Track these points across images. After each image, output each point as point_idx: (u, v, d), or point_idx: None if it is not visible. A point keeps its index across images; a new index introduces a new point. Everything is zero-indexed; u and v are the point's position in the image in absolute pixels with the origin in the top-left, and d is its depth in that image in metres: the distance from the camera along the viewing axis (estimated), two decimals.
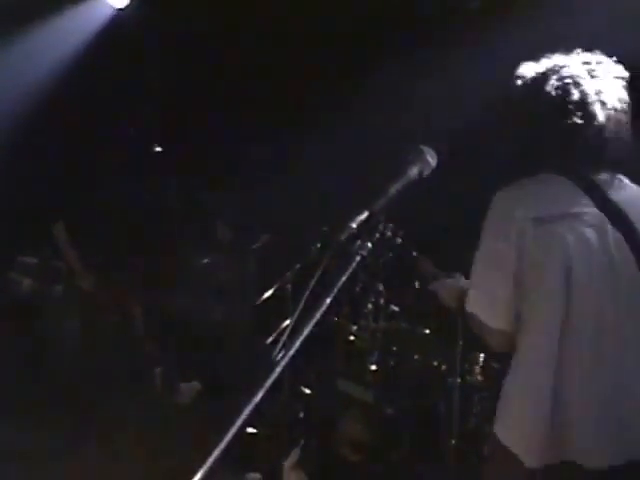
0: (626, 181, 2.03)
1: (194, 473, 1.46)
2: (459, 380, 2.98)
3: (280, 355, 1.57)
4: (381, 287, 4.09)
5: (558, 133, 1.99)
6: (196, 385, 5.38)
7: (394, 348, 3.98)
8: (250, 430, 4.14)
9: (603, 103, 1.98)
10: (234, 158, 6.01)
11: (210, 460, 1.44)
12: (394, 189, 1.89)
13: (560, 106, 1.98)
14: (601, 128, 1.97)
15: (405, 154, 1.98)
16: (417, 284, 3.53)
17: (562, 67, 2.02)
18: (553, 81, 2.01)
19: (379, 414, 3.80)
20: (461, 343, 3.09)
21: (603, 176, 1.99)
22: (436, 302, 2.34)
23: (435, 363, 3.71)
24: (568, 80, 1.99)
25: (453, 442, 3.22)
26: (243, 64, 5.90)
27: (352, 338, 4.15)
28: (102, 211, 5.25)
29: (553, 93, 2.00)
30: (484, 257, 2.03)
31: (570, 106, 1.97)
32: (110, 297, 5.32)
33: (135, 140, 6.01)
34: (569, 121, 1.96)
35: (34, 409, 4.66)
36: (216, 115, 6.15)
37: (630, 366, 1.90)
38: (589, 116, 1.97)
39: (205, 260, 5.62)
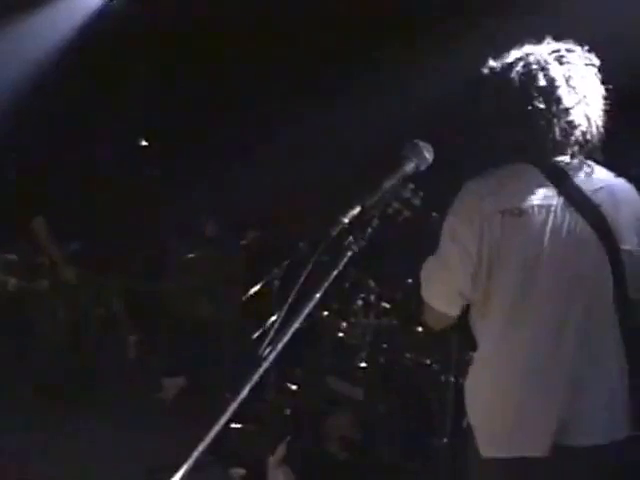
0: (596, 167, 2.02)
1: (177, 469, 1.44)
2: (452, 379, 2.95)
3: (266, 351, 1.54)
4: (372, 284, 4.05)
5: (523, 117, 1.98)
6: (180, 381, 5.34)
7: (384, 345, 3.95)
8: (235, 426, 4.11)
9: (572, 88, 1.98)
10: (224, 155, 5.98)
11: (193, 456, 1.42)
12: (388, 184, 1.87)
13: (525, 91, 1.98)
14: (568, 112, 1.96)
15: (401, 149, 1.96)
16: (410, 280, 3.49)
17: (530, 54, 2.03)
18: (519, 67, 2.01)
19: (368, 411, 3.77)
20: (456, 341, 3.06)
21: (571, 163, 1.99)
22: None
23: (428, 361, 3.68)
24: (535, 66, 1.99)
25: (445, 440, 3.19)
26: (235, 57, 5.86)
27: (341, 335, 4.12)
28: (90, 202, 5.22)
29: (519, 78, 2.00)
30: (445, 244, 2.03)
31: (535, 90, 1.97)
32: (93, 286, 5.29)
33: (121, 133, 5.98)
34: (533, 105, 1.96)
35: (17, 408, 4.60)
36: (207, 111, 6.12)
37: (593, 357, 1.91)
38: (555, 100, 1.97)
39: (192, 256, 5.59)
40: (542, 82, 1.97)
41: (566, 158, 1.98)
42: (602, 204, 1.93)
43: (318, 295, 1.66)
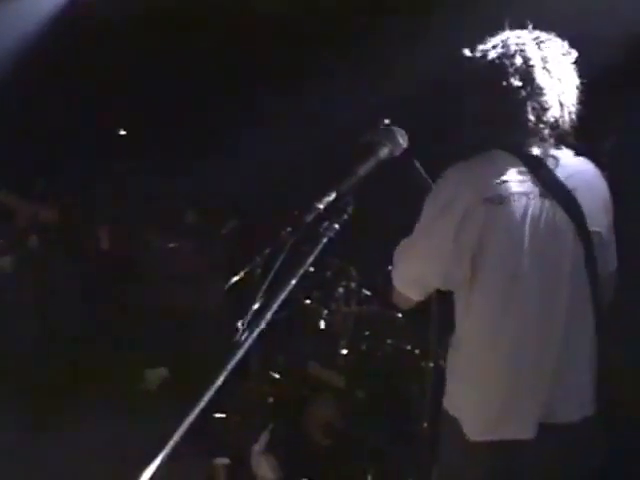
0: (567, 152, 2.07)
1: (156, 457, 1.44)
2: (432, 364, 2.98)
3: (244, 337, 1.55)
4: (353, 271, 4.06)
5: (499, 94, 2.02)
6: (163, 371, 5.33)
7: (366, 332, 3.96)
8: (218, 415, 4.11)
9: (547, 70, 2.03)
10: (202, 142, 5.95)
11: (170, 443, 1.41)
12: (363, 170, 1.89)
13: (502, 68, 2.03)
14: (541, 93, 2.01)
15: (374, 134, 1.98)
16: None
17: (510, 37, 2.08)
18: (498, 49, 2.06)
19: (351, 398, 3.78)
20: (434, 327, 3.09)
21: (544, 149, 2.03)
22: None
23: (408, 347, 3.70)
24: (513, 47, 2.05)
25: (425, 425, 3.22)
26: (214, 45, 5.83)
27: (323, 322, 4.12)
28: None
29: (496, 58, 2.05)
30: (419, 233, 2.07)
31: (510, 68, 2.01)
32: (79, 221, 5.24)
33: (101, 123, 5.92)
34: (509, 81, 2.01)
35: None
36: (185, 98, 6.08)
37: (571, 339, 1.99)
38: (530, 80, 2.01)
39: (173, 245, 5.58)
40: (519, 61, 2.02)
41: (539, 143, 2.02)
42: (575, 189, 1.99)
43: (294, 281, 1.67)
